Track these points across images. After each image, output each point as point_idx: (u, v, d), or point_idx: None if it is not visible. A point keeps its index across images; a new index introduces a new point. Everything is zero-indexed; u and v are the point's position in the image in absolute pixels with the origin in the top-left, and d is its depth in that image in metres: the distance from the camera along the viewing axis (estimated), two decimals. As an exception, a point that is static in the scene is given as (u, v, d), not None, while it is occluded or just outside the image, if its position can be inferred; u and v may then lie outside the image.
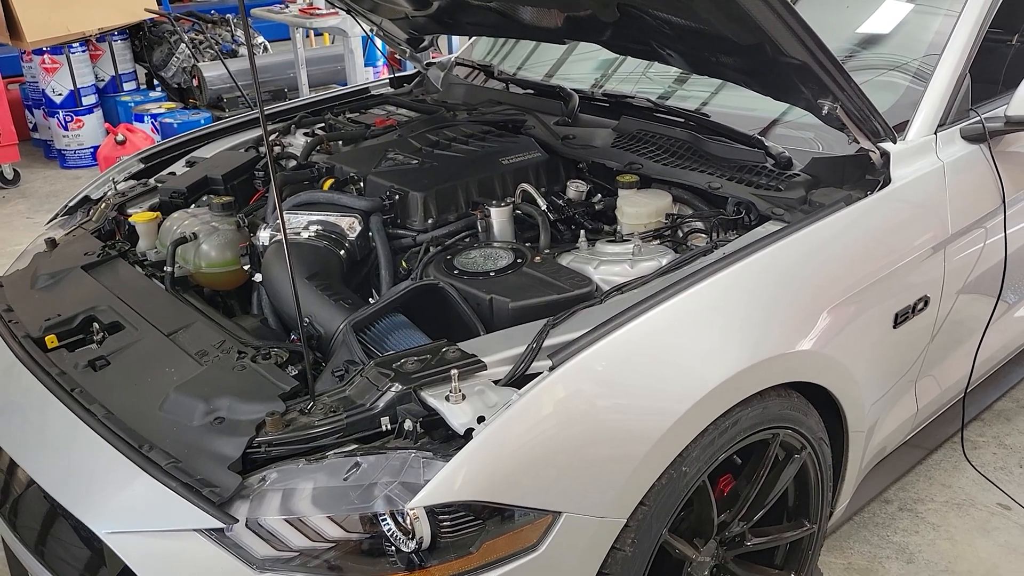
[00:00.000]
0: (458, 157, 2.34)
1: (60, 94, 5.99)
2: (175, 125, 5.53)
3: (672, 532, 1.71)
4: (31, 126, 6.54)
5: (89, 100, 6.11)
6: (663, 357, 1.63)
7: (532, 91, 2.84)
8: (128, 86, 6.45)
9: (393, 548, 1.45)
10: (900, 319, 2.03)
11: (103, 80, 6.33)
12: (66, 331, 1.94)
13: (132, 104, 5.96)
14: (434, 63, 3.29)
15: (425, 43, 3.18)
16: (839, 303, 1.87)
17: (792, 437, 1.85)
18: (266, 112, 3.08)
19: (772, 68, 1.89)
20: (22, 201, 5.59)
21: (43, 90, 6.03)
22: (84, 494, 1.55)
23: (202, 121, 5.52)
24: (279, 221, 2.04)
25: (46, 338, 1.91)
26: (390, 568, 1.44)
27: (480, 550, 1.44)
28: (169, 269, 2.11)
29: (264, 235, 2.11)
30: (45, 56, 5.92)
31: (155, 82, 6.71)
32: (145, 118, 5.72)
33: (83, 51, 6.04)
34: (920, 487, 2.67)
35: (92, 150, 6.11)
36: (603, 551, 1.56)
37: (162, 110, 5.80)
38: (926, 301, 2.10)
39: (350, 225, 2.11)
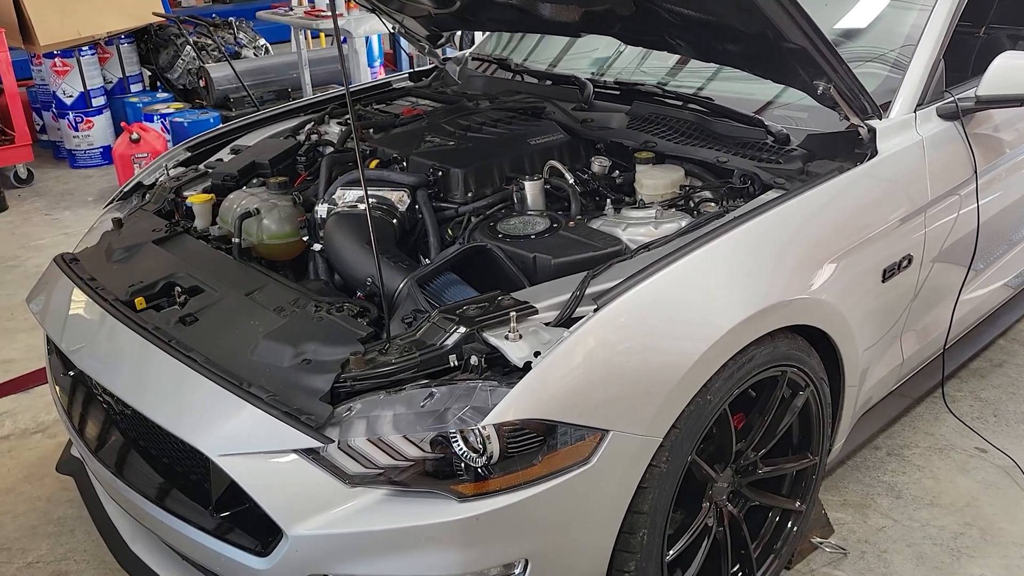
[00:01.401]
0: (489, 139, 2.59)
1: (71, 96, 6.17)
2: (185, 124, 5.73)
3: (698, 455, 1.96)
4: (39, 128, 6.71)
5: (98, 101, 6.30)
6: (687, 301, 1.87)
7: (548, 81, 3.09)
8: (135, 87, 6.64)
9: (463, 464, 1.67)
10: (888, 274, 2.30)
11: (111, 82, 6.52)
12: (150, 296, 2.16)
13: (141, 105, 6.15)
14: (450, 58, 3.53)
15: (443, 39, 3.42)
16: (834, 258, 2.13)
17: (797, 375, 2.11)
18: (297, 105, 3.32)
19: (773, 53, 2.15)
20: (38, 199, 5.77)
21: (54, 92, 6.21)
22: (195, 425, 1.77)
23: (211, 120, 5.72)
24: (335, 196, 2.29)
25: (135, 300, 2.13)
26: (461, 481, 1.68)
27: (541, 462, 1.68)
28: (237, 240, 2.33)
29: (322, 209, 2.34)
30: (56, 59, 6.10)
31: (159, 84, 6.89)
32: (155, 118, 5.91)
33: (92, 54, 6.23)
34: (906, 435, 2.95)
35: (101, 150, 6.30)
36: (643, 466, 1.80)
37: (171, 110, 5.99)
38: (910, 259, 2.37)
39: (399, 199, 2.35)
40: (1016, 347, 3.45)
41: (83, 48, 6.11)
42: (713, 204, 2.27)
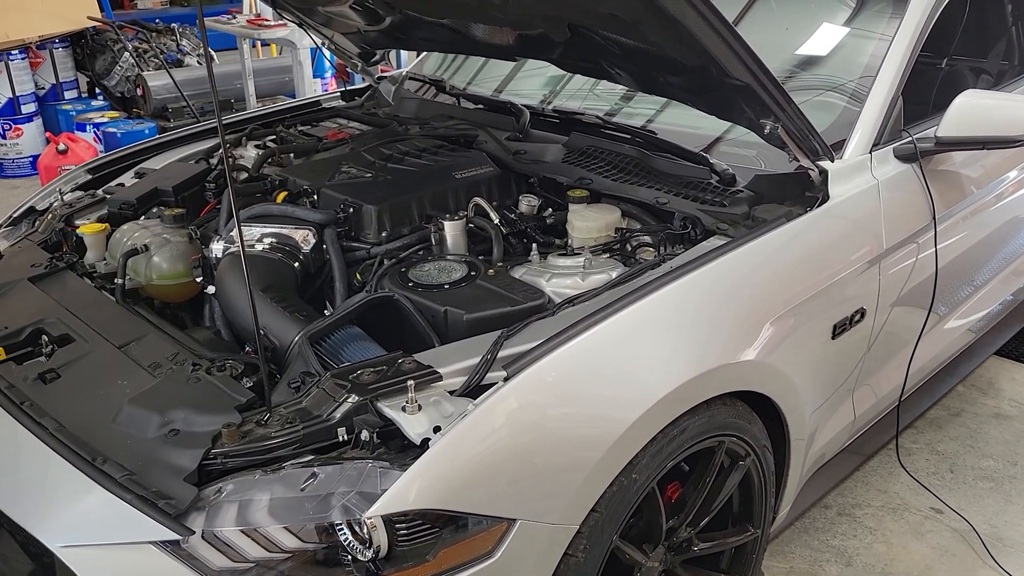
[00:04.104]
0: (411, 171, 2.38)
1: (-2, 102, 5.87)
2: (118, 135, 5.45)
3: (622, 538, 1.75)
4: (-32, 134, 6.38)
5: (28, 108, 5.98)
6: (613, 368, 1.67)
7: (483, 106, 2.88)
8: (70, 94, 6.33)
9: (349, 558, 1.46)
10: (838, 330, 2.12)
11: (43, 88, 6.21)
12: (14, 344, 1.92)
13: (74, 113, 5.86)
14: (385, 77, 3.31)
15: (376, 57, 3.20)
16: (781, 315, 1.94)
17: (737, 444, 1.92)
18: (213, 125, 3.07)
19: (717, 88, 1.96)
20: (-43, 211, 5.45)
21: (-20, 97, 5.90)
22: (35, 508, 1.53)
23: (146, 131, 5.45)
24: (233, 234, 2.05)
25: (-7, 351, 1.88)
26: (349, 576, 1.46)
27: (436, 558, 1.47)
28: (120, 281, 2.10)
29: (217, 247, 2.11)
30: (-17, 63, 5.79)
31: (97, 91, 6.59)
32: (87, 127, 5.62)
33: (23, 58, 5.92)
34: (858, 492, 2.77)
35: (31, 159, 5.98)
36: (556, 557, 1.60)
37: (105, 119, 5.70)
38: (863, 313, 2.19)
39: (304, 238, 2.12)
40: (975, 394, 3.29)
41: (12, 52, 5.79)
42: (651, 250, 2.07)
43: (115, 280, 2.11)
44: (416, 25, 2.62)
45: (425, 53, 3.41)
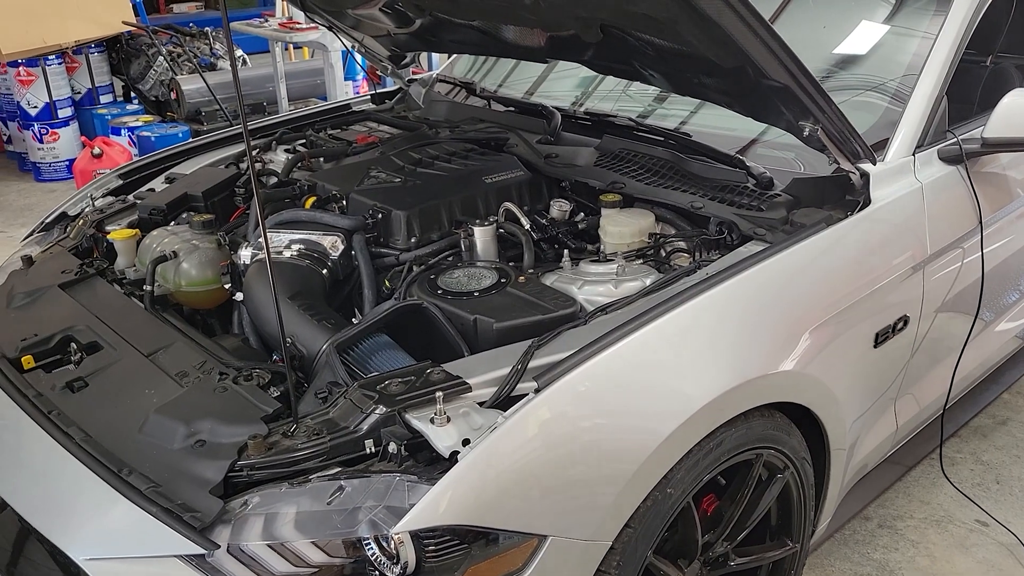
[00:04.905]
0: (441, 175, 2.34)
1: (36, 107, 5.93)
2: (152, 139, 5.48)
3: (656, 553, 1.70)
4: (5, 138, 6.47)
5: (65, 113, 6.05)
6: (648, 379, 1.62)
7: (514, 109, 2.84)
8: (105, 99, 6.39)
9: (377, 573, 1.43)
10: (881, 338, 2.05)
11: (79, 93, 6.27)
12: (43, 351, 1.91)
13: (109, 117, 5.91)
14: (416, 79, 3.29)
15: (407, 60, 3.17)
16: (821, 323, 1.88)
17: (775, 457, 1.86)
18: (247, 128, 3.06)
19: (754, 90, 1.91)
20: (-5, 214, 5.53)
21: (18, 102, 5.97)
22: (61, 520, 1.52)
23: (180, 135, 5.48)
24: (261, 240, 2.03)
25: (22, 359, 1.87)
26: (377, 593, 1.43)
27: (465, 575, 1.43)
28: (149, 288, 2.08)
29: (245, 254, 2.09)
30: (20, 68, 5.86)
31: (132, 95, 6.65)
32: (122, 131, 5.67)
33: (59, 63, 5.99)
34: (899, 504, 2.69)
35: (68, 163, 6.04)
36: (589, 574, 1.55)
37: (139, 123, 5.75)
38: (906, 320, 2.12)
39: (332, 244, 2.09)
40: (1022, 402, 3.19)
41: (49, 57, 5.86)
42: (686, 256, 2.02)
43: (144, 287, 2.09)
44: (446, 27, 2.58)
45: (455, 55, 3.38)
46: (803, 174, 2.14)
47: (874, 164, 2.06)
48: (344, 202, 2.26)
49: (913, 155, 2.18)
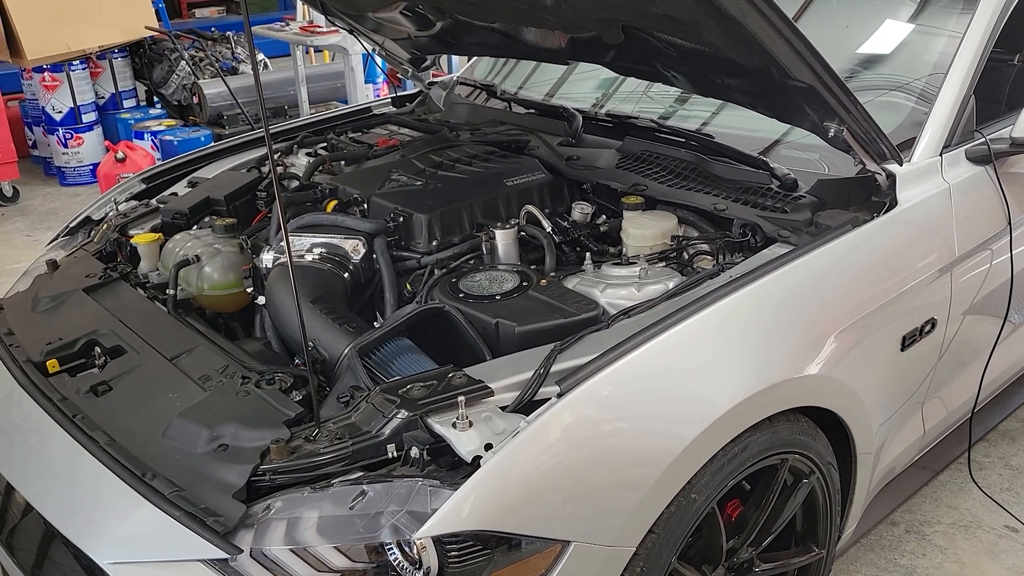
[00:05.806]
0: (462, 178, 2.34)
1: (60, 111, 5.98)
2: (175, 143, 5.52)
3: (680, 559, 1.69)
4: (31, 143, 6.53)
5: (89, 117, 6.09)
6: (671, 383, 1.61)
7: (535, 111, 2.83)
8: (128, 103, 6.44)
9: (400, 578, 1.43)
10: (908, 341, 2.02)
11: (103, 97, 6.32)
12: (67, 355, 1.92)
13: (132, 121, 5.96)
14: (436, 82, 3.28)
15: (427, 62, 3.17)
16: (847, 326, 1.85)
17: (800, 462, 1.84)
18: (269, 132, 3.07)
19: (778, 90, 1.89)
20: (21, 219, 5.57)
21: (43, 107, 6.03)
22: (86, 523, 1.53)
23: (202, 139, 5.51)
24: (283, 243, 2.03)
25: (47, 363, 1.89)
26: (397, 598, 1.42)
27: (488, 580, 1.42)
28: (172, 292, 2.09)
29: (267, 257, 2.09)
30: (45, 74, 5.91)
31: (155, 99, 6.70)
32: (145, 135, 5.71)
33: (83, 68, 6.04)
34: (927, 509, 2.65)
35: (92, 167, 6.09)
36: (612, 580, 1.54)
37: (162, 127, 5.79)
38: (933, 323, 2.09)
39: (354, 247, 2.10)
40: (1050, 406, 3.13)
41: (73, 62, 5.91)
42: (709, 258, 2.00)
43: (167, 291, 2.10)
44: (466, 30, 2.58)
45: (476, 58, 3.38)
46: (828, 175, 2.12)
47: (900, 165, 2.03)
48: (365, 205, 2.26)
49: (940, 155, 2.15)
